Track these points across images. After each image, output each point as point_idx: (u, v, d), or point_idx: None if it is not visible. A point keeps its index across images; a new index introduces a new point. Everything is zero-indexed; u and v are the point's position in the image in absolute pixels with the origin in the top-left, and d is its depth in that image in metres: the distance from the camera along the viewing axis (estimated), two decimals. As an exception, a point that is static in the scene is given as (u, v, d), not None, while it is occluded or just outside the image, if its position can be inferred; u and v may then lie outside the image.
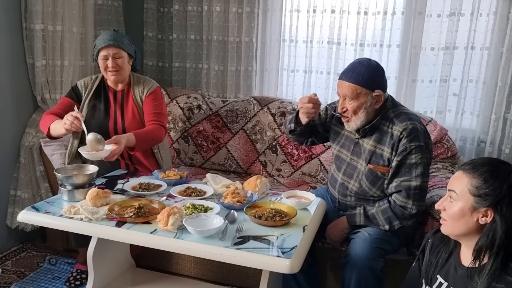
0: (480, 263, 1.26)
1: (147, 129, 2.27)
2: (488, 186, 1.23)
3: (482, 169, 1.27)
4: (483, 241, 1.25)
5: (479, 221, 1.25)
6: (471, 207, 1.25)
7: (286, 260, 1.43)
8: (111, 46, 2.26)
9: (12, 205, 2.68)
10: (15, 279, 2.43)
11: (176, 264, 2.42)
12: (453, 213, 1.29)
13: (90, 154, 1.97)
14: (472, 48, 2.68)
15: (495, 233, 1.22)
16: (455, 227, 1.31)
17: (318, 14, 2.93)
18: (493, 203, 1.22)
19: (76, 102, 2.37)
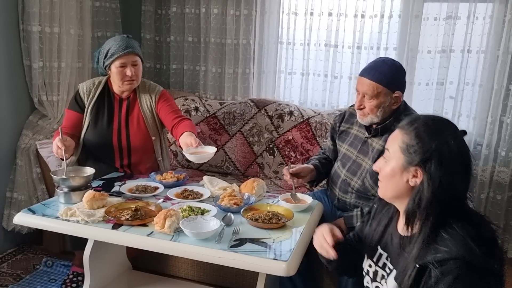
0: (412, 230, 1.16)
1: (191, 125, 2.20)
2: (418, 143, 1.13)
3: (415, 125, 1.16)
4: (410, 205, 1.14)
5: (409, 182, 1.15)
6: (401, 166, 1.16)
7: (283, 263, 1.43)
8: (130, 53, 2.17)
9: (8, 207, 2.67)
10: (11, 281, 2.42)
11: (173, 266, 2.42)
12: (385, 173, 1.21)
13: (195, 156, 1.89)
14: (469, 51, 2.70)
15: (422, 195, 1.11)
16: (387, 189, 1.22)
17: (316, 17, 2.94)
18: (422, 161, 1.11)
19: (81, 113, 2.29)
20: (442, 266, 1.04)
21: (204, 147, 1.98)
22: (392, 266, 1.23)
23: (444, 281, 1.03)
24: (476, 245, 1.05)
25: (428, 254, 1.07)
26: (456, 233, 1.07)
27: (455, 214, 1.11)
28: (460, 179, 1.12)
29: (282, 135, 2.90)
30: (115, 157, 2.32)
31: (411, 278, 1.08)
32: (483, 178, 2.75)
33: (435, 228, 1.10)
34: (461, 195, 1.15)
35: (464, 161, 1.13)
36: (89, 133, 2.29)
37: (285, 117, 2.91)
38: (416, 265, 1.08)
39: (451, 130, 1.14)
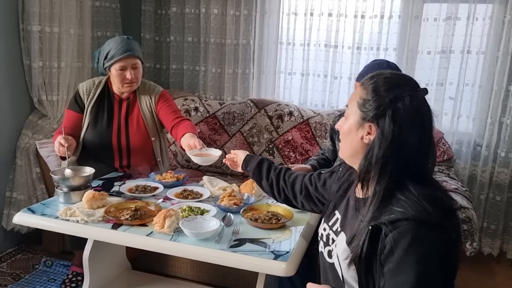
0: (367, 192, 1.12)
1: (191, 126, 2.19)
2: (373, 97, 1.08)
3: (374, 79, 1.11)
4: (362, 162, 1.10)
5: (364, 139, 1.10)
6: (357, 122, 1.11)
7: (282, 263, 1.43)
8: (130, 56, 2.16)
9: (8, 207, 2.67)
10: (10, 281, 2.42)
11: (172, 266, 2.42)
12: (343, 131, 1.16)
13: (201, 159, 1.89)
14: (468, 52, 2.70)
15: (373, 152, 1.07)
16: (344, 147, 1.18)
17: (316, 17, 2.95)
18: (375, 117, 1.07)
19: (80, 113, 2.29)
20: (395, 227, 0.99)
21: (208, 149, 1.98)
22: (340, 228, 1.19)
23: (401, 244, 0.98)
24: (432, 207, 1.01)
25: (383, 216, 1.03)
26: (412, 195, 1.03)
27: (414, 178, 1.06)
28: (415, 138, 1.05)
29: (281, 135, 2.90)
30: (114, 157, 2.32)
31: (365, 240, 1.03)
32: (482, 179, 2.75)
33: (391, 190, 1.05)
34: (417, 158, 1.08)
35: (420, 119, 1.07)
36: (89, 133, 2.29)
37: (285, 118, 2.91)
38: (370, 227, 1.03)
39: (410, 86, 1.08)
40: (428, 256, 0.99)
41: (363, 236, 1.04)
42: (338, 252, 1.15)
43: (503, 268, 2.80)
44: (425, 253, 0.98)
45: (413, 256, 0.97)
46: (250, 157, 1.67)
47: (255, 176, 1.63)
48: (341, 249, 1.14)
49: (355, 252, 1.05)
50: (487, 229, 2.79)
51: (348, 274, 1.11)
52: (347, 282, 1.13)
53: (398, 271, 0.99)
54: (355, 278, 1.09)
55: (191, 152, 1.93)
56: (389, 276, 1.00)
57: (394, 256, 0.99)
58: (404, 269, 0.98)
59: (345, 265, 1.11)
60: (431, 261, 0.99)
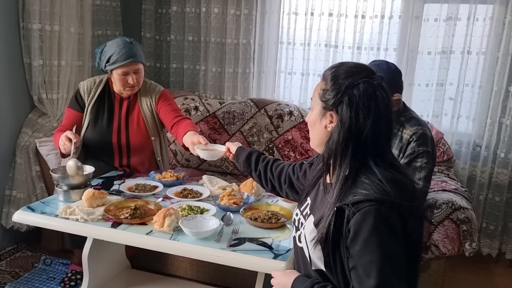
0: (332, 176, 1.17)
1: (192, 125, 2.20)
2: (331, 86, 1.13)
3: (333, 69, 1.17)
4: (324, 148, 1.16)
5: (327, 128, 1.16)
6: (320, 113, 1.17)
7: (282, 263, 1.43)
8: (133, 63, 2.15)
9: (7, 205, 2.66)
10: (9, 279, 2.42)
11: (172, 265, 2.42)
12: (310, 122, 1.22)
13: (208, 153, 1.86)
14: (469, 53, 2.70)
15: (333, 138, 1.12)
16: (312, 138, 1.24)
17: (316, 17, 2.95)
18: (334, 105, 1.12)
19: (81, 112, 2.29)
20: (358, 208, 1.04)
21: (213, 145, 1.98)
22: (309, 212, 1.25)
23: (364, 225, 1.02)
24: (393, 188, 1.05)
25: (348, 197, 1.07)
26: (375, 177, 1.08)
27: (377, 162, 1.11)
28: (372, 122, 1.09)
29: (281, 135, 2.90)
30: (114, 156, 2.32)
31: (331, 221, 1.08)
32: (482, 179, 2.75)
33: (354, 173, 1.10)
34: (377, 141, 1.11)
35: (375, 104, 1.10)
36: (89, 132, 2.29)
37: (285, 117, 2.91)
38: (335, 208, 1.08)
39: (365, 73, 1.12)
40: (390, 234, 1.03)
41: (329, 218, 1.09)
42: (306, 234, 1.20)
43: (502, 268, 2.80)
44: (387, 232, 1.03)
45: (377, 236, 1.02)
46: (240, 149, 1.71)
47: (245, 168, 1.67)
48: (309, 230, 1.19)
49: (321, 233, 1.10)
50: (486, 229, 2.79)
51: (314, 255, 1.16)
52: (313, 262, 1.18)
53: (364, 251, 1.02)
54: (321, 258, 1.14)
55: (198, 146, 1.92)
56: (358, 257, 1.04)
57: (359, 237, 1.03)
58: (369, 249, 1.02)
59: (311, 246, 1.16)
60: (394, 238, 1.04)
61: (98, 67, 2.30)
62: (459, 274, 2.60)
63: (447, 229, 1.98)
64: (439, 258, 2.05)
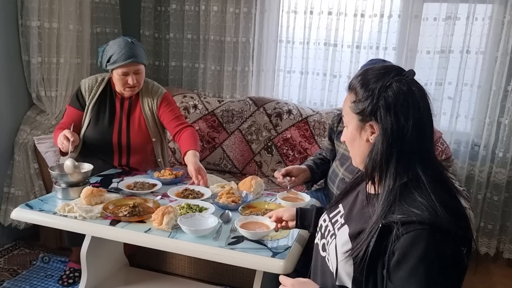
0: (378, 188, 1.08)
1: (191, 136, 2.20)
2: (362, 94, 1.06)
3: (358, 78, 1.09)
4: (368, 160, 1.07)
5: (370, 140, 1.07)
6: (357, 126, 1.09)
7: (280, 261, 1.43)
8: (133, 63, 2.14)
9: (5, 203, 2.66)
10: (7, 276, 2.42)
11: (170, 263, 2.42)
12: (348, 139, 1.14)
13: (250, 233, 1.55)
14: (468, 52, 2.70)
15: (377, 147, 1.04)
16: (355, 155, 1.14)
17: (315, 16, 2.94)
18: (371, 114, 1.04)
19: (81, 110, 2.28)
20: (408, 230, 0.95)
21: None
22: (344, 221, 1.16)
23: (414, 251, 0.94)
24: (446, 212, 0.97)
25: (395, 214, 0.99)
26: (429, 195, 0.99)
27: (423, 163, 1.03)
28: (414, 121, 1.02)
29: (280, 133, 2.90)
30: (114, 155, 2.32)
31: (373, 237, 0.99)
32: (480, 179, 2.76)
33: (404, 186, 1.02)
34: (422, 141, 1.04)
35: (414, 100, 1.03)
36: (90, 131, 2.28)
37: (284, 116, 2.91)
38: (380, 224, 0.99)
39: (394, 72, 1.05)
40: (440, 266, 0.96)
41: (372, 232, 1.00)
42: (337, 244, 1.12)
43: (500, 267, 2.81)
44: (437, 262, 0.95)
45: (426, 265, 0.94)
46: (303, 212, 1.48)
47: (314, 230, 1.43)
48: (342, 242, 1.11)
49: (360, 247, 1.02)
50: (484, 228, 2.80)
51: (343, 269, 1.08)
52: (339, 277, 1.10)
53: (410, 280, 0.96)
54: (350, 274, 1.06)
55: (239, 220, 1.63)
56: (400, 285, 0.97)
57: (406, 263, 0.96)
58: (416, 279, 0.95)
59: (342, 258, 1.08)
60: (443, 271, 0.96)
61: (100, 66, 2.29)
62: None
63: (445, 228, 1.98)
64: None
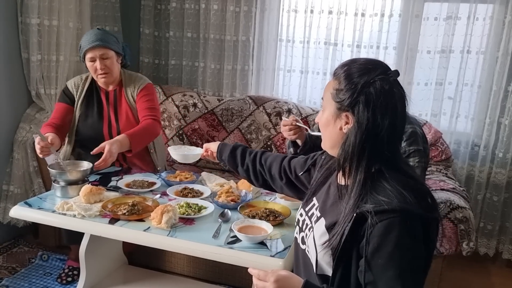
0: (348, 179, 1.12)
1: (141, 127, 2.19)
2: (346, 85, 1.08)
3: (345, 68, 1.11)
4: (340, 151, 1.10)
5: (343, 129, 1.10)
6: (334, 114, 1.11)
7: (279, 260, 1.43)
8: (97, 47, 2.15)
9: (4, 200, 2.66)
10: (6, 274, 2.41)
11: (169, 262, 2.42)
12: (321, 123, 1.17)
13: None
14: (468, 52, 2.70)
15: (350, 140, 1.07)
16: (325, 139, 1.18)
17: (316, 15, 2.94)
18: (350, 105, 1.06)
19: (71, 105, 2.29)
20: (381, 218, 1.00)
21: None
22: (319, 214, 1.19)
23: (389, 238, 0.99)
24: (414, 197, 1.02)
25: (368, 203, 1.03)
26: (395, 183, 1.04)
27: (389, 164, 1.07)
28: (389, 122, 1.05)
29: (280, 132, 2.89)
30: None
31: (348, 226, 1.04)
32: (480, 179, 2.76)
33: (372, 177, 1.06)
34: (390, 142, 1.08)
35: (393, 102, 1.06)
36: (81, 128, 2.30)
37: (284, 115, 2.90)
38: (354, 214, 1.03)
39: (380, 70, 1.07)
40: (414, 248, 1.01)
41: (346, 223, 1.05)
42: (315, 237, 1.16)
43: (499, 268, 2.81)
44: (412, 246, 1.00)
45: (402, 250, 0.99)
46: (223, 145, 1.64)
47: (230, 164, 1.61)
48: (319, 233, 1.15)
49: (336, 238, 1.06)
50: (483, 229, 2.80)
51: (323, 260, 1.12)
52: (320, 267, 1.14)
53: (388, 265, 1.00)
54: (330, 263, 1.10)
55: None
56: (380, 271, 1.00)
57: (383, 250, 1.00)
58: (394, 263, 0.99)
59: (321, 249, 1.12)
60: (417, 252, 1.01)
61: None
62: (456, 273, 2.61)
63: (445, 228, 1.98)
64: (436, 257, 2.05)
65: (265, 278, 1.09)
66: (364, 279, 1.03)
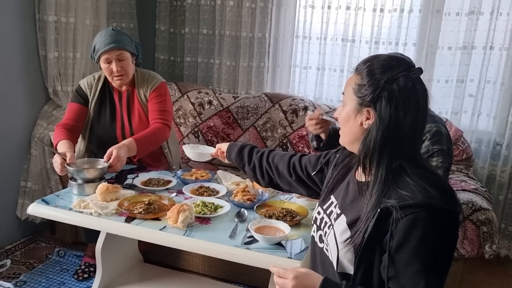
0: (369, 175, 1.11)
1: (149, 131, 2.15)
2: (368, 81, 1.08)
3: (368, 63, 1.11)
4: (361, 146, 1.10)
5: (363, 125, 1.10)
6: (355, 109, 1.11)
7: (297, 262, 1.40)
8: (114, 49, 2.11)
9: (22, 197, 2.69)
10: (24, 270, 2.44)
11: (184, 260, 2.41)
12: (341, 118, 1.16)
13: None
14: (491, 48, 2.62)
15: (371, 136, 1.07)
16: (344, 134, 1.18)
17: (333, 11, 2.89)
18: (372, 101, 1.06)
19: (84, 105, 2.25)
20: (407, 213, 1.00)
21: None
22: (339, 211, 1.19)
23: (414, 233, 0.99)
24: (438, 191, 1.01)
25: (391, 198, 1.03)
26: (417, 178, 1.04)
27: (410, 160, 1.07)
28: (411, 118, 1.05)
29: (296, 130, 2.86)
30: None
31: (372, 222, 1.03)
32: (501, 179, 2.68)
33: (393, 173, 1.06)
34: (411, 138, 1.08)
35: (415, 99, 1.06)
36: (94, 127, 2.28)
37: (300, 112, 2.87)
38: (378, 209, 1.03)
39: (404, 67, 1.07)
40: (439, 243, 1.01)
41: (369, 219, 1.04)
42: (336, 234, 1.15)
43: (520, 270, 2.74)
44: (437, 240, 1.00)
45: (426, 245, 0.99)
46: (232, 145, 1.66)
47: (237, 162, 1.62)
48: (340, 231, 1.14)
49: (359, 234, 1.06)
50: (504, 230, 2.73)
51: (344, 257, 1.12)
52: (341, 265, 1.13)
53: (412, 260, 0.99)
54: (351, 260, 1.10)
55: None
56: (404, 266, 1.00)
57: (407, 245, 1.00)
58: (418, 259, 0.99)
59: (343, 246, 1.12)
60: (441, 247, 1.02)
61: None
62: (476, 275, 2.55)
63: (467, 230, 1.93)
64: (457, 260, 2.01)
65: (285, 275, 1.11)
66: (387, 274, 1.03)
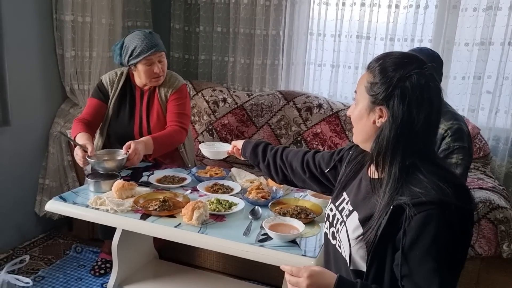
0: (382, 173, 1.10)
1: (166, 132, 2.18)
2: (381, 79, 1.07)
3: (380, 61, 1.10)
4: (374, 144, 1.10)
5: (376, 123, 1.10)
6: (367, 107, 1.10)
7: (311, 260, 1.40)
8: (157, 52, 2.16)
9: (40, 193, 2.74)
10: (42, 265, 2.49)
11: (199, 257, 2.43)
12: (354, 116, 1.16)
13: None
14: (509, 44, 2.58)
15: (384, 134, 1.06)
16: (357, 132, 1.17)
17: (347, 7, 2.87)
18: (385, 99, 1.06)
19: (104, 101, 2.28)
20: (420, 210, 0.99)
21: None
22: (352, 208, 1.18)
23: (427, 230, 0.98)
24: (452, 189, 1.00)
25: (404, 196, 1.02)
26: (431, 175, 1.03)
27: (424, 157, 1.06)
28: (424, 116, 1.04)
29: (310, 128, 2.85)
30: None
31: (384, 219, 1.02)
32: (519, 177, 2.64)
33: (407, 170, 1.05)
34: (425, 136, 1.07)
35: (428, 96, 1.04)
36: (113, 123, 2.31)
37: (314, 110, 2.86)
38: (391, 207, 1.02)
39: (416, 64, 1.06)
40: (453, 241, 1.00)
41: (382, 216, 1.04)
42: (348, 231, 1.14)
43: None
44: (450, 238, 0.99)
45: (440, 243, 0.98)
46: (247, 143, 1.68)
47: (252, 160, 1.63)
48: (353, 227, 1.13)
49: (371, 231, 1.05)
50: (523, 229, 2.68)
51: (357, 253, 1.11)
52: (353, 262, 1.13)
53: (426, 258, 0.98)
54: (364, 257, 1.09)
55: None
56: (417, 264, 0.99)
57: (420, 243, 0.99)
58: (432, 257, 0.98)
59: (355, 243, 1.11)
60: (454, 245, 1.00)
61: (119, 63, 2.26)
62: (493, 275, 2.50)
63: (484, 229, 1.90)
64: (474, 259, 1.98)
65: (298, 274, 1.09)
66: (400, 272, 1.02)
